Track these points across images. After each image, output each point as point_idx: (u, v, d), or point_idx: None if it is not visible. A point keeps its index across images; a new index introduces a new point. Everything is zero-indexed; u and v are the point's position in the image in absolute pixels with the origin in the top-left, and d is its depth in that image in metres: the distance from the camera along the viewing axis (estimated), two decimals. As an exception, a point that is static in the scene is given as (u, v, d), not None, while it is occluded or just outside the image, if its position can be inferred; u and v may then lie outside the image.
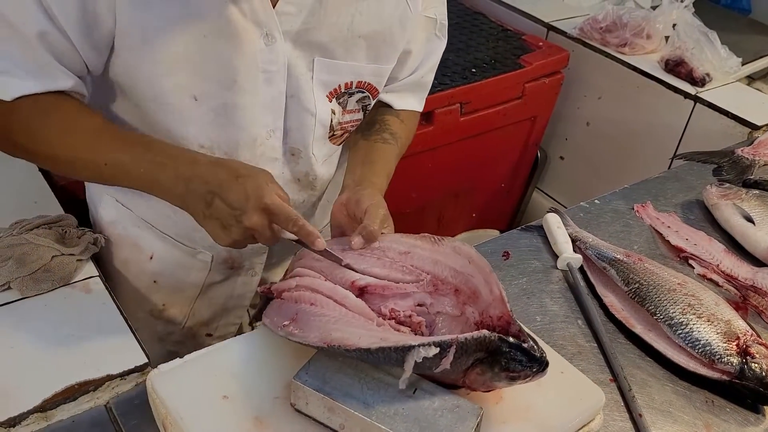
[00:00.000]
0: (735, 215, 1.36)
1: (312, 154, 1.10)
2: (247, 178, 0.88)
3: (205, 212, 0.90)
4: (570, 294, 1.19)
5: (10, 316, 0.99)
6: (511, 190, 2.53)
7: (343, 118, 1.10)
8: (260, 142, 1.04)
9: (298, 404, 0.80)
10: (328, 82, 1.03)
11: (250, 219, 0.88)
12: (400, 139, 1.17)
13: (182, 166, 0.91)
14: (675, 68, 2.09)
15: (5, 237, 1.04)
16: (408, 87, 1.19)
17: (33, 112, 0.92)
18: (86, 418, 0.89)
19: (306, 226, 0.90)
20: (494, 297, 0.83)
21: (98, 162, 0.93)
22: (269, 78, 0.98)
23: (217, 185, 0.88)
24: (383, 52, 1.05)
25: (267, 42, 0.95)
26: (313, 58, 1.00)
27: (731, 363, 1.01)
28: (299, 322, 0.85)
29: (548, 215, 1.33)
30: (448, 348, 0.74)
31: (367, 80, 1.07)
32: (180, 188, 0.90)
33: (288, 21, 0.95)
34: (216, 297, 1.24)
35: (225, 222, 0.89)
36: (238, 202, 0.87)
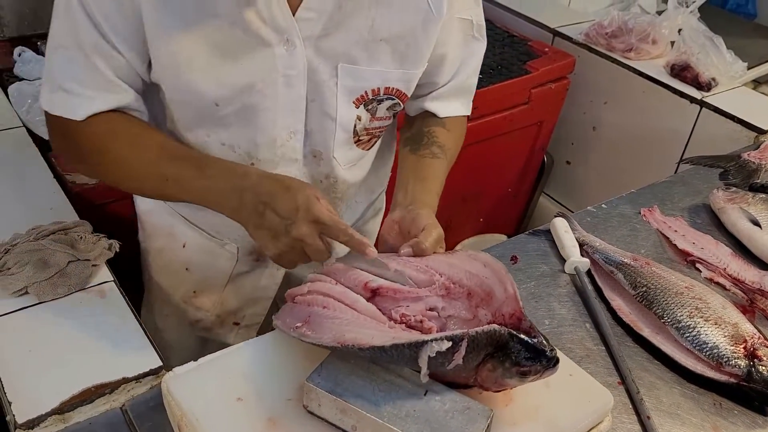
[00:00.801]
0: (742, 219, 1.37)
1: (333, 157, 1.11)
2: (297, 191, 0.90)
3: (257, 222, 0.92)
4: (578, 298, 1.20)
5: (28, 321, 1.01)
6: (518, 195, 2.54)
7: (371, 124, 1.10)
8: (280, 143, 1.05)
9: (310, 406, 0.81)
10: (354, 89, 1.04)
11: (299, 229, 0.89)
12: (448, 151, 1.17)
13: (235, 179, 0.94)
14: (681, 73, 2.10)
15: (23, 243, 1.06)
16: (451, 92, 1.18)
17: (101, 132, 0.97)
18: (102, 420, 0.90)
19: (356, 235, 0.91)
20: (508, 295, 0.84)
21: (161, 178, 0.97)
22: (289, 82, 1.00)
23: (268, 196, 0.91)
24: (408, 57, 1.04)
25: (287, 48, 0.97)
26: (338, 65, 1.00)
27: (739, 366, 1.02)
28: (312, 324, 0.86)
29: (555, 220, 1.34)
30: (460, 342, 0.76)
31: (395, 86, 1.06)
32: (234, 201, 0.93)
33: (308, 27, 0.96)
34: (243, 287, 1.27)
35: (275, 232, 0.91)
36: (288, 212, 0.89)
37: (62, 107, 0.96)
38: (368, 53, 1.01)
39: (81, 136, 0.98)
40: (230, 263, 1.23)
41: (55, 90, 0.96)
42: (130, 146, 0.98)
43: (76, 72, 0.94)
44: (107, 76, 0.95)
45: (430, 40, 1.05)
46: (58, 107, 0.96)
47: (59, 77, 0.95)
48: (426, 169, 1.13)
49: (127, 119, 1.00)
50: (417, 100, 1.19)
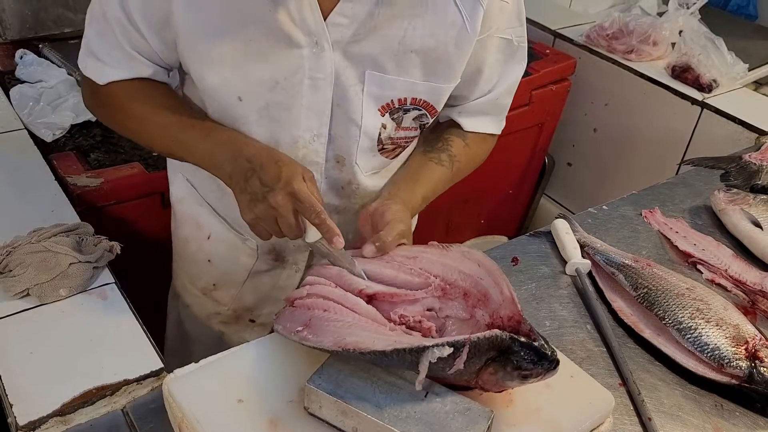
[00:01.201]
0: (743, 220, 1.37)
1: (355, 163, 1.10)
2: (285, 165, 0.95)
3: (242, 186, 0.97)
4: (579, 299, 1.20)
5: (29, 322, 1.01)
6: (519, 196, 2.54)
7: (396, 134, 1.09)
8: (302, 145, 1.06)
9: (311, 408, 0.81)
10: (380, 96, 1.03)
11: (275, 197, 0.93)
12: (457, 163, 1.16)
13: (235, 145, 1.00)
14: (682, 74, 2.10)
15: (24, 245, 1.06)
16: (482, 108, 1.16)
17: (122, 96, 1.06)
18: (104, 421, 0.91)
19: (328, 221, 0.93)
20: (504, 298, 0.84)
21: (171, 140, 1.05)
22: (315, 84, 1.00)
23: (258, 164, 0.96)
24: (438, 70, 1.03)
25: (315, 50, 0.97)
26: (365, 71, 1.00)
27: (740, 367, 1.02)
28: (312, 328, 0.86)
29: (557, 221, 1.35)
30: (462, 348, 0.76)
31: (423, 98, 1.05)
32: (229, 166, 0.99)
33: (338, 31, 0.96)
34: (261, 285, 1.28)
35: (254, 196, 0.95)
36: (270, 180, 0.94)
37: (90, 70, 1.05)
38: (397, 63, 1.01)
39: (104, 96, 1.08)
40: (251, 260, 1.24)
41: (87, 54, 1.05)
42: (146, 109, 1.06)
43: (102, 42, 1.02)
44: (127, 51, 1.02)
45: (463, 56, 1.03)
46: (88, 70, 1.06)
47: (90, 43, 1.04)
48: (424, 171, 1.13)
49: (147, 84, 1.06)
50: (447, 109, 1.17)
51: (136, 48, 1.02)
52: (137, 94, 1.06)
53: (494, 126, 1.21)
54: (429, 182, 1.12)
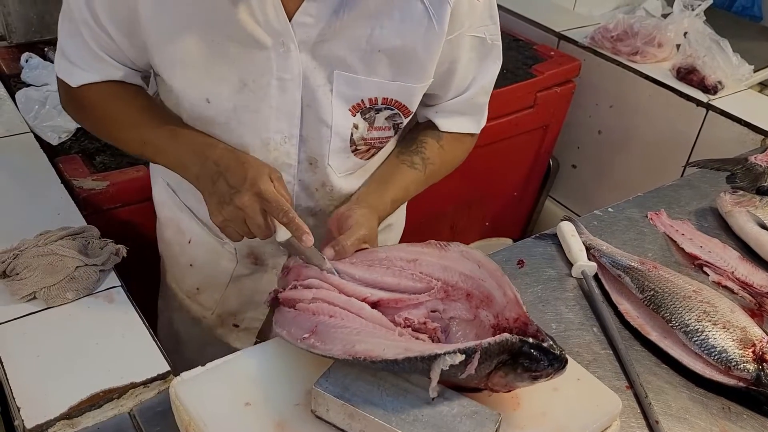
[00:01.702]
0: (749, 222, 1.37)
1: (328, 165, 1.10)
2: (251, 166, 0.96)
3: (210, 189, 0.98)
4: (585, 302, 1.20)
5: (36, 326, 1.01)
6: (523, 199, 2.54)
7: (369, 134, 1.09)
8: (273, 147, 1.05)
9: (318, 411, 0.81)
10: (350, 96, 1.03)
11: (241, 198, 0.93)
12: (430, 165, 1.16)
13: (202, 147, 1.01)
14: (687, 76, 2.10)
15: (31, 248, 1.07)
16: (458, 108, 1.16)
17: (93, 98, 1.07)
18: (111, 424, 0.91)
19: (296, 219, 0.94)
20: (509, 299, 0.84)
21: (140, 141, 1.06)
22: (283, 85, 1.00)
23: (224, 167, 0.97)
24: (408, 70, 1.02)
25: (282, 51, 0.97)
26: (333, 71, 1.00)
27: (747, 370, 1.02)
28: (320, 335, 0.85)
29: (562, 223, 1.34)
30: (473, 354, 0.76)
31: (394, 97, 1.05)
32: (196, 167, 1.00)
33: (304, 32, 0.96)
34: (244, 289, 1.28)
35: (221, 198, 0.96)
36: (237, 182, 0.95)
37: (63, 72, 1.07)
38: (365, 63, 1.00)
39: (77, 98, 1.09)
40: (231, 264, 1.24)
41: (60, 55, 1.06)
42: (117, 110, 1.07)
43: (73, 44, 1.03)
44: (96, 53, 1.02)
45: (433, 55, 1.02)
46: (61, 72, 1.07)
47: (63, 45, 1.05)
48: (395, 175, 1.14)
49: (119, 86, 1.07)
50: (423, 108, 1.18)
51: (105, 50, 1.02)
52: (109, 97, 1.07)
53: (471, 125, 1.21)
54: (399, 186, 1.13)
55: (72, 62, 1.05)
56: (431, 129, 1.19)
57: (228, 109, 1.01)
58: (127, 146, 1.13)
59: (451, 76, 1.10)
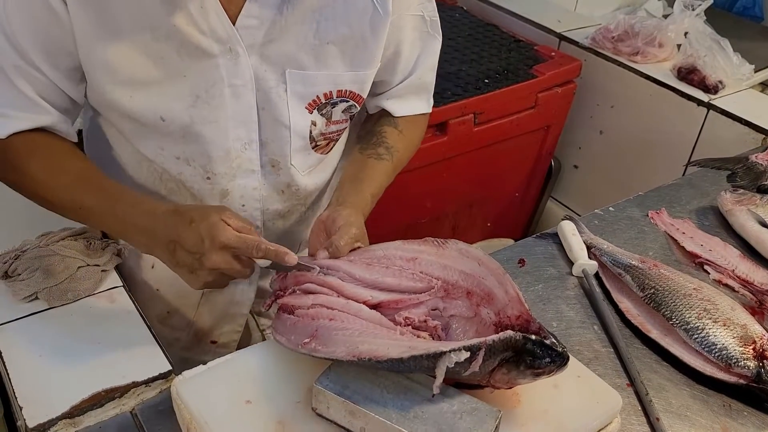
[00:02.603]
0: (750, 221, 1.37)
1: (291, 165, 1.09)
2: (200, 222, 0.90)
3: (173, 261, 0.93)
4: (586, 300, 1.20)
5: (38, 326, 1.01)
6: (525, 200, 2.54)
7: (328, 129, 1.09)
8: (235, 155, 1.04)
9: (319, 408, 0.82)
10: (305, 94, 1.03)
11: (210, 260, 0.89)
12: (396, 153, 1.16)
13: (142, 218, 0.94)
14: (687, 76, 2.10)
15: (33, 248, 1.07)
16: (407, 90, 1.17)
17: (21, 151, 0.99)
18: (113, 424, 0.91)
19: (270, 247, 0.91)
20: (510, 297, 0.84)
21: (75, 205, 0.99)
22: (236, 92, 0.99)
23: (175, 234, 0.91)
24: (358, 58, 1.03)
25: (230, 57, 0.96)
26: (285, 71, 0.99)
27: (748, 367, 1.02)
28: (321, 339, 0.85)
29: (563, 223, 1.34)
30: (478, 351, 0.76)
31: (348, 88, 1.05)
32: (144, 240, 0.95)
33: (250, 35, 0.95)
34: (217, 303, 1.25)
35: (191, 267, 0.92)
36: (195, 246, 0.89)
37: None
38: (316, 57, 1.00)
39: (6, 153, 0.99)
40: None
41: None
42: (47, 169, 0.99)
43: (3, 92, 0.95)
44: (29, 96, 0.96)
45: (379, 39, 1.04)
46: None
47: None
48: (365, 170, 1.13)
49: (49, 140, 1.00)
50: (373, 98, 1.18)
51: (38, 91, 0.96)
52: (38, 149, 0.99)
53: (424, 105, 1.22)
54: (373, 180, 1.12)
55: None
56: (385, 117, 1.19)
57: (185, 124, 1.00)
58: (59, 210, 1.03)
59: (398, 59, 1.11)
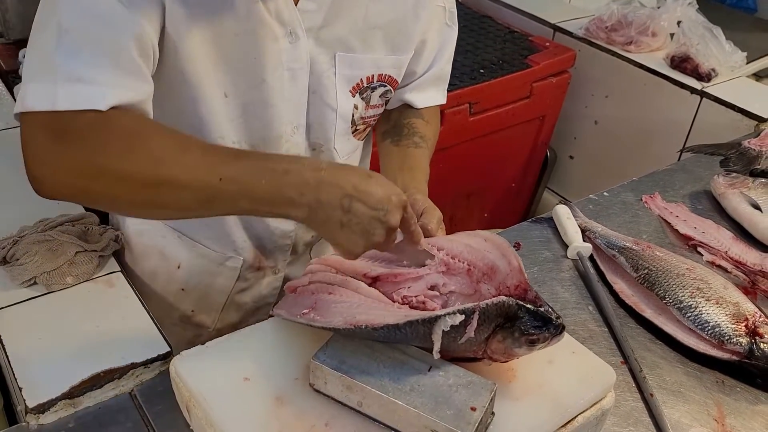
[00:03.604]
0: (742, 203, 1.38)
1: (334, 149, 1.11)
2: (378, 177, 0.84)
3: (343, 219, 0.82)
4: (580, 282, 1.21)
5: (37, 310, 1.02)
6: (521, 190, 2.55)
7: (366, 113, 1.11)
8: (286, 139, 1.05)
9: (317, 384, 0.82)
10: (351, 77, 1.04)
11: (394, 217, 0.84)
12: (428, 141, 1.18)
13: (307, 172, 0.82)
14: (681, 64, 2.11)
15: (31, 234, 1.08)
16: (429, 81, 1.19)
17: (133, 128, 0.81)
18: (112, 404, 0.92)
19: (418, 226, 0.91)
20: (512, 267, 0.85)
21: (213, 179, 0.79)
22: (293, 75, 1.00)
23: (352, 188, 0.81)
24: (399, 42, 1.06)
25: (291, 40, 0.97)
26: (335, 54, 1.01)
27: (740, 343, 1.03)
28: (319, 310, 0.87)
29: (558, 207, 1.36)
30: (472, 315, 0.77)
31: (387, 72, 1.08)
32: (308, 197, 0.81)
33: (310, 18, 0.97)
34: (244, 301, 1.26)
35: (367, 225, 0.83)
36: (381, 202, 0.82)
37: (76, 99, 0.77)
38: (363, 41, 1.02)
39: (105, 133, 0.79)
40: (230, 281, 1.21)
41: (60, 82, 0.77)
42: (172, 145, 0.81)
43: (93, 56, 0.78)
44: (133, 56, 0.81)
45: (421, 24, 1.06)
46: (70, 100, 0.77)
47: (70, 65, 0.78)
48: (411, 160, 1.14)
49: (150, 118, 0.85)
50: (396, 91, 1.19)
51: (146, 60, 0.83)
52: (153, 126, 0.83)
53: (441, 96, 1.24)
54: (421, 167, 1.13)
55: (89, 81, 0.78)
56: (408, 110, 1.20)
57: (243, 104, 1.00)
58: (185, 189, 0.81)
59: (423, 48, 1.13)
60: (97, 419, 0.89)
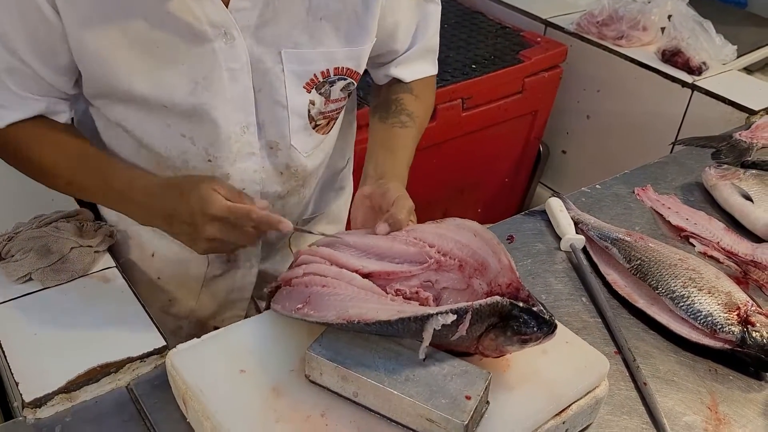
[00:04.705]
0: (734, 194, 1.39)
1: (291, 145, 1.09)
2: (190, 193, 0.93)
3: (170, 231, 0.99)
4: (574, 273, 1.22)
5: (32, 306, 1.02)
6: (514, 185, 2.56)
7: (326, 108, 1.09)
8: (235, 139, 1.04)
9: (312, 375, 0.83)
10: (301, 73, 1.03)
11: (205, 231, 0.93)
12: (417, 119, 1.17)
13: (138, 194, 1.00)
14: (672, 58, 2.12)
15: (26, 230, 1.08)
16: (415, 55, 1.18)
17: (21, 140, 1.02)
18: (108, 398, 0.92)
19: (263, 217, 0.93)
20: (503, 266, 0.86)
21: (76, 187, 1.06)
22: (233, 76, 0.99)
23: (170, 208, 0.96)
24: (353, 34, 1.03)
25: (226, 41, 0.95)
26: (281, 51, 0.99)
27: (733, 332, 1.04)
28: (313, 304, 0.87)
29: (551, 200, 1.36)
30: (465, 314, 0.77)
31: (345, 65, 1.05)
32: (142, 213, 1.02)
33: (244, 17, 0.95)
34: (218, 290, 1.26)
35: (190, 237, 0.96)
36: (190, 217, 0.94)
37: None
38: (310, 35, 1.00)
39: (7, 143, 1.03)
40: (201, 269, 1.22)
41: None
42: (48, 154, 1.03)
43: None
44: (21, 95, 0.98)
45: (373, 13, 1.03)
46: None
47: None
48: (395, 140, 1.13)
49: (46, 126, 1.03)
50: (381, 67, 1.18)
51: (29, 89, 0.98)
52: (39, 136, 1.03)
53: (431, 67, 1.23)
54: (404, 148, 1.13)
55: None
56: (397, 84, 1.20)
57: (185, 111, 1.00)
58: (67, 191, 1.10)
59: (396, 29, 1.12)
60: (93, 413, 0.89)
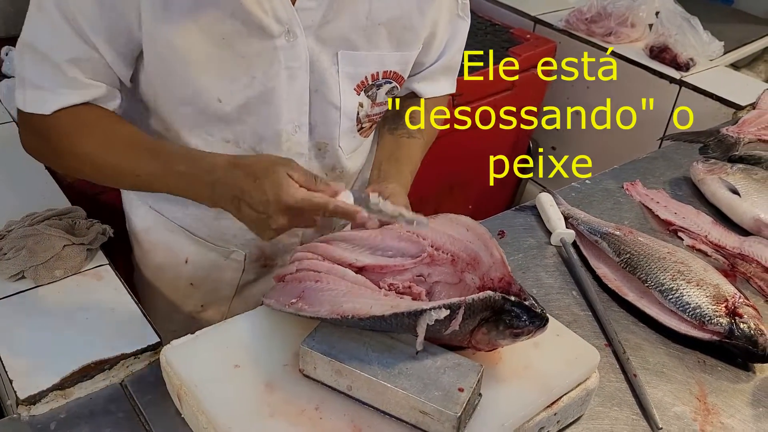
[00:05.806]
0: (721, 188, 1.41)
1: (339, 147, 1.11)
2: (264, 180, 0.89)
3: (238, 215, 0.93)
4: (564, 267, 1.23)
5: (26, 303, 1.02)
6: (505, 181, 2.56)
7: (372, 111, 1.10)
8: (286, 138, 1.05)
9: (306, 369, 0.84)
10: (354, 75, 1.04)
11: (276, 222, 0.89)
12: (425, 132, 1.18)
13: (204, 174, 0.93)
14: (660, 54, 2.14)
15: (18, 228, 1.08)
16: (438, 71, 1.19)
17: (73, 125, 0.96)
18: (103, 395, 0.92)
19: (340, 206, 0.91)
20: (495, 260, 0.87)
21: (133, 172, 0.98)
22: (292, 74, 0.99)
23: (239, 190, 0.90)
24: (405, 39, 1.05)
25: (288, 39, 0.96)
26: (337, 52, 1.00)
27: (721, 324, 1.05)
28: (307, 299, 0.88)
29: (541, 195, 1.37)
30: (457, 309, 0.78)
31: (393, 69, 1.07)
32: (208, 194, 0.94)
33: (308, 16, 0.96)
34: (251, 295, 1.26)
35: (258, 224, 0.92)
36: (262, 205, 0.89)
37: (32, 103, 0.95)
38: (367, 38, 1.01)
39: (51, 132, 0.97)
40: (236, 274, 1.23)
41: (25, 87, 0.95)
42: (100, 142, 0.98)
43: (41, 72, 0.94)
44: (79, 80, 0.94)
45: (426, 20, 1.05)
46: (28, 103, 0.96)
47: (30, 74, 0.95)
48: (401, 150, 1.15)
49: (97, 113, 0.98)
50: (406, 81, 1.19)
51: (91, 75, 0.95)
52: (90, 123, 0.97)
53: (450, 86, 1.24)
54: (409, 158, 1.14)
55: (42, 88, 0.94)
56: (410, 99, 1.21)
57: (239, 105, 0.99)
58: (116, 179, 1.04)
59: (432, 40, 1.12)
60: (88, 409, 0.90)
